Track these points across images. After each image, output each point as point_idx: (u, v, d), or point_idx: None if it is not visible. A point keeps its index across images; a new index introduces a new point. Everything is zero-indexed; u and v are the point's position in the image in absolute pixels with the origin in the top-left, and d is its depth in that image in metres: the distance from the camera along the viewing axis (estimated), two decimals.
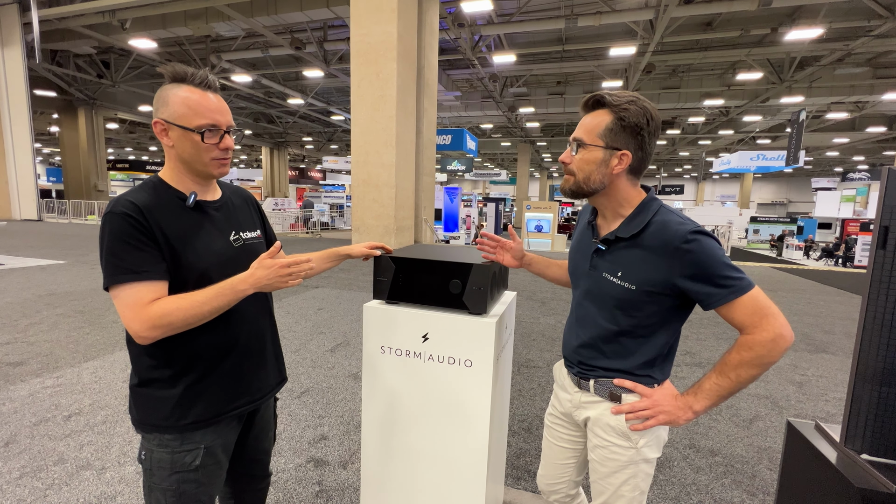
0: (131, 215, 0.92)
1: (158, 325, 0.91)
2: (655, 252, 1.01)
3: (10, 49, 15.16)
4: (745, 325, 0.96)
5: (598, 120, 1.03)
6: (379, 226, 10.38)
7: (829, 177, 36.68)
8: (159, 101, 0.99)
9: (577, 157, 1.06)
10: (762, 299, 0.95)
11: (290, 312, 4.84)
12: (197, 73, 1.00)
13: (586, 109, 1.07)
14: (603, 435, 1.12)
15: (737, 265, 0.97)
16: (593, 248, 1.13)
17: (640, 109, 1.00)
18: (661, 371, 1.10)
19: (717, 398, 0.99)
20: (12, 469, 2.05)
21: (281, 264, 0.98)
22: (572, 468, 1.29)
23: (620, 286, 1.05)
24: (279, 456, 2.23)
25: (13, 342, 3.73)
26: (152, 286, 0.93)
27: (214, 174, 1.05)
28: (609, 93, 1.02)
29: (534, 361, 3.66)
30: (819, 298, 6.58)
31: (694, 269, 0.96)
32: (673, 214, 1.03)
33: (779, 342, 0.93)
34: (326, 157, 28.51)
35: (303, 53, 14.54)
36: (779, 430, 2.66)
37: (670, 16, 10.63)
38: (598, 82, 17.97)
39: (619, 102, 1.00)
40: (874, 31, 11.49)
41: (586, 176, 1.05)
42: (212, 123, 0.99)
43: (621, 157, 1.02)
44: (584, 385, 1.16)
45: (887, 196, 1.01)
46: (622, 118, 1.00)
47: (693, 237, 0.96)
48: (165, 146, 1.01)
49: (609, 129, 1.01)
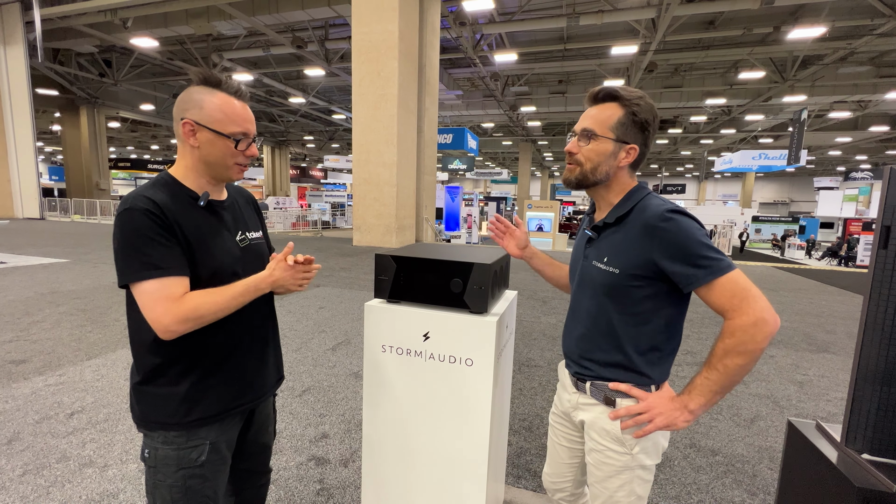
0: (152, 211, 0.93)
1: (191, 317, 0.93)
2: (636, 233, 1.01)
3: (13, 48, 15.19)
4: (726, 309, 0.93)
5: (609, 112, 1.04)
6: (380, 224, 10.38)
7: (831, 176, 36.56)
8: (190, 102, 0.99)
9: (587, 147, 1.06)
10: (742, 281, 0.93)
11: (292, 311, 4.85)
12: (231, 82, 1.03)
13: (594, 102, 1.08)
14: (598, 439, 1.11)
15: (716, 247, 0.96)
16: (587, 238, 1.16)
17: (648, 106, 1.03)
18: (659, 370, 1.07)
19: (709, 394, 0.96)
20: (15, 466, 2.06)
21: (299, 267, 1.04)
22: (576, 468, 1.29)
23: (605, 271, 1.06)
24: (280, 454, 2.24)
25: (16, 340, 3.75)
26: (180, 281, 0.94)
27: (234, 179, 1.09)
28: (620, 87, 1.03)
29: (535, 360, 3.67)
30: (821, 298, 6.57)
31: (671, 249, 0.96)
32: (657, 198, 1.05)
33: (760, 326, 0.89)
34: (328, 156, 28.51)
35: (304, 52, 14.54)
36: (780, 429, 2.66)
37: (672, 14, 10.61)
38: (599, 81, 17.93)
39: (631, 98, 1.02)
40: (877, 30, 11.45)
41: (594, 166, 1.06)
42: (244, 132, 1.03)
43: (629, 151, 1.05)
44: (581, 386, 1.15)
45: (889, 195, 1.00)
46: (635, 113, 1.02)
47: (670, 216, 0.97)
48: (188, 146, 1.02)
49: (621, 123, 1.03)
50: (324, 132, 31.93)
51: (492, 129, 28.34)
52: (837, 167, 38.26)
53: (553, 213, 16.20)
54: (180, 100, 1.01)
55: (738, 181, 44.04)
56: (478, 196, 20.32)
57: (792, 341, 4.41)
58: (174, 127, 1.03)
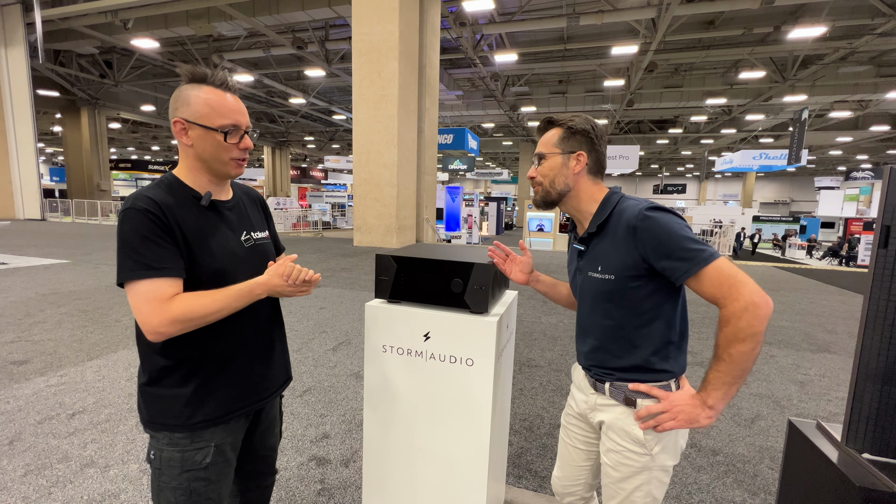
0: (151, 211, 0.93)
1: (179, 320, 0.91)
2: (621, 237, 1.05)
3: (14, 49, 15.22)
4: (717, 298, 0.95)
5: (551, 133, 1.17)
6: (380, 225, 10.38)
7: (832, 176, 36.53)
8: (179, 100, 0.99)
9: (541, 167, 1.17)
10: (727, 268, 0.94)
11: (293, 311, 4.86)
12: (217, 74, 1.01)
13: (540, 132, 1.21)
14: (617, 440, 1.11)
15: (698, 239, 0.99)
16: (576, 253, 1.20)
17: (583, 120, 1.14)
18: (675, 362, 1.08)
19: (724, 386, 0.96)
20: (17, 467, 2.07)
21: (299, 281, 1.03)
22: (588, 471, 1.28)
23: (602, 279, 1.09)
24: (282, 454, 2.24)
25: (17, 341, 3.75)
26: (171, 282, 0.93)
27: (232, 174, 1.07)
28: (556, 114, 1.17)
29: (535, 360, 3.67)
30: (822, 298, 6.56)
31: (654, 245, 0.99)
32: (632, 199, 1.09)
33: (752, 309, 0.91)
34: (328, 157, 28.54)
35: (304, 53, 14.56)
36: (780, 429, 2.66)
37: (672, 14, 10.61)
38: (599, 81, 17.94)
39: (565, 118, 1.15)
40: (878, 30, 11.44)
41: (551, 181, 1.15)
42: (233, 123, 1.01)
43: (578, 158, 1.13)
44: (599, 388, 1.16)
45: (888, 195, 1.01)
46: (570, 127, 1.14)
47: (648, 213, 1.00)
48: (183, 145, 1.02)
49: (562, 138, 1.14)
50: (324, 133, 31.95)
51: (492, 129, 28.36)
52: (838, 167, 38.22)
53: (553, 214, 16.19)
54: (171, 100, 1.02)
55: (738, 181, 44.02)
56: (478, 196, 20.30)
57: (793, 341, 4.40)
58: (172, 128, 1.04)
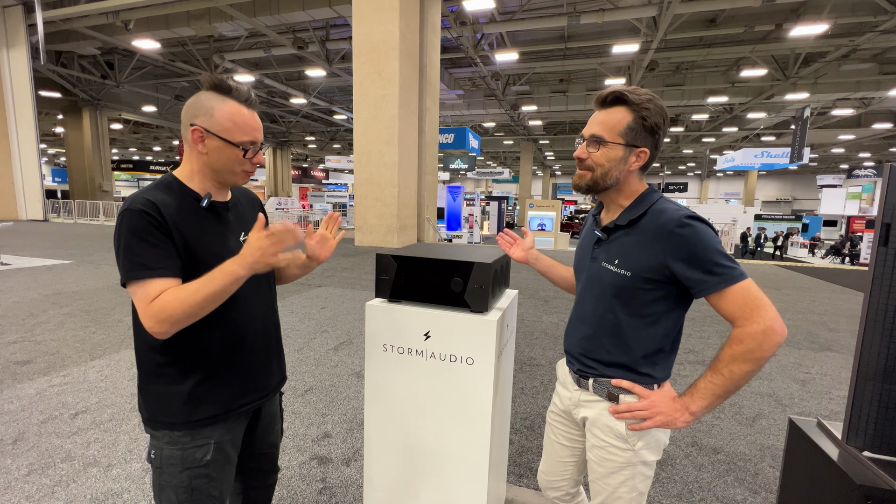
0: (149, 212, 0.93)
1: (161, 318, 0.90)
2: (651, 237, 1.01)
3: (15, 50, 15.26)
4: (736, 317, 0.95)
5: (619, 117, 1.03)
6: (381, 225, 10.39)
7: (834, 174, 36.40)
8: (200, 108, 0.99)
9: (597, 153, 1.06)
10: (754, 291, 0.94)
11: (294, 311, 4.87)
12: (241, 89, 1.02)
13: (603, 105, 1.07)
14: (600, 435, 1.11)
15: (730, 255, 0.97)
16: (595, 239, 1.15)
17: (658, 109, 1.02)
18: (661, 369, 1.09)
19: (712, 397, 0.97)
20: (20, 466, 2.08)
21: (265, 234, 0.91)
22: (573, 466, 1.29)
23: (617, 273, 1.06)
24: (283, 453, 2.24)
25: (20, 341, 3.77)
26: (165, 283, 0.93)
27: (239, 184, 1.10)
28: (628, 90, 1.02)
29: (536, 359, 3.67)
30: (824, 296, 6.55)
31: (686, 254, 0.96)
32: (671, 203, 1.05)
33: (769, 335, 0.91)
34: (329, 157, 28.50)
35: (305, 53, 14.56)
36: (782, 427, 2.65)
37: (673, 12, 10.58)
38: (600, 80, 17.91)
39: (640, 101, 1.01)
40: (880, 27, 11.39)
41: (605, 172, 1.06)
42: (252, 140, 1.04)
43: (639, 155, 1.05)
44: (583, 383, 1.16)
45: (889, 193, 1.01)
46: (644, 118, 1.01)
47: (688, 222, 0.97)
48: (196, 151, 1.01)
49: (630, 128, 1.02)
50: (325, 133, 31.96)
51: (493, 128, 28.32)
52: (840, 165, 38.08)
53: (555, 213, 16.19)
54: (190, 104, 1.01)
55: (740, 179, 43.90)
56: (479, 196, 20.30)
57: (794, 339, 4.40)
58: (182, 130, 1.03)
